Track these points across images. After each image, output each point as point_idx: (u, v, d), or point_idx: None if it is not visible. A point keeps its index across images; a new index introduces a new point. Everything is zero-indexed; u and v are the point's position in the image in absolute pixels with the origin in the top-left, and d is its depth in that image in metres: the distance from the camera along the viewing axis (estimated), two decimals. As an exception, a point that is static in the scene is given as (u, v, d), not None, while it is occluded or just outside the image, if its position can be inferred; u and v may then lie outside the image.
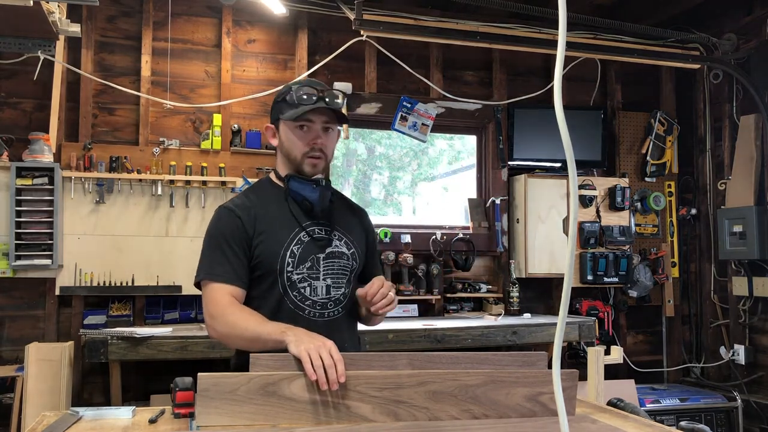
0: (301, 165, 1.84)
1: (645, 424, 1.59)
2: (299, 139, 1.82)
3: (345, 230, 1.92)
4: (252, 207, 1.82)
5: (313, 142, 1.82)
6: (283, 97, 1.84)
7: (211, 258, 1.79)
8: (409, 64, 4.07)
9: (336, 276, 1.85)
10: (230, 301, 1.74)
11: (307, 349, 1.47)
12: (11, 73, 3.54)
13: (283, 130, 1.85)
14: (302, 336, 1.54)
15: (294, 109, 1.79)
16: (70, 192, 3.50)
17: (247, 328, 1.66)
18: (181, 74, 3.82)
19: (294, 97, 1.80)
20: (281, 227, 1.81)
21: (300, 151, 1.83)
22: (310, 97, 1.78)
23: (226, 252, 1.77)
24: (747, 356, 4.10)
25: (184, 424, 1.50)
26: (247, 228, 1.78)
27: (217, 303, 1.74)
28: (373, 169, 4.88)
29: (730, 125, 4.31)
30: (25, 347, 3.08)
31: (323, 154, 1.84)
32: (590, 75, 4.53)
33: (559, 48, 0.89)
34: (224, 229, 1.79)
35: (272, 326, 1.64)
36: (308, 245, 1.82)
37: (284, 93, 1.84)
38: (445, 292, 4.10)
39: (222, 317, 1.71)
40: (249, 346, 1.65)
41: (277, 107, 1.86)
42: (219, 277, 1.76)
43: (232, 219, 1.80)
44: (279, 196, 1.87)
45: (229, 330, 1.70)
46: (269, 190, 1.90)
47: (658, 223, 4.53)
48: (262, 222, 1.80)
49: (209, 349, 3.05)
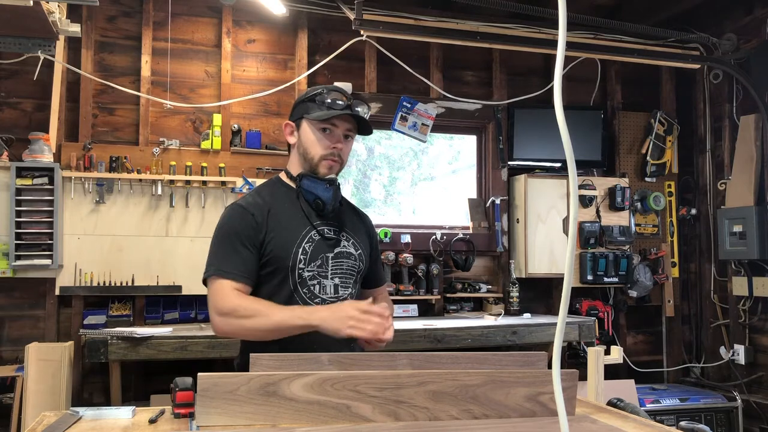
0: (317, 166, 1.87)
1: (645, 424, 1.59)
2: (321, 140, 1.85)
3: (352, 232, 1.95)
4: (264, 205, 1.84)
5: (333, 146, 1.85)
6: (312, 98, 1.87)
7: (221, 254, 1.80)
8: (409, 64, 4.08)
9: (344, 276, 1.89)
10: (239, 295, 1.75)
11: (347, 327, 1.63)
12: (11, 73, 3.54)
13: (305, 129, 1.87)
14: (328, 317, 1.66)
15: (323, 110, 1.83)
16: (70, 192, 3.50)
17: (266, 318, 1.70)
18: (181, 74, 3.82)
19: (325, 100, 1.83)
20: (294, 225, 1.84)
21: (319, 152, 1.85)
22: (339, 102, 1.83)
23: (238, 248, 1.78)
24: (747, 356, 4.10)
25: (184, 424, 1.50)
26: (260, 225, 1.80)
27: (227, 299, 1.74)
28: (372, 169, 4.88)
29: (730, 125, 4.31)
30: (25, 347, 3.08)
31: (340, 159, 1.88)
32: (590, 75, 4.52)
33: (559, 48, 0.89)
34: (236, 226, 1.81)
35: (289, 312, 1.71)
36: (319, 244, 1.85)
37: (313, 93, 1.88)
38: (445, 292, 4.10)
39: (236, 311, 1.72)
40: (269, 335, 1.72)
41: (303, 106, 1.89)
42: (228, 274, 1.76)
43: (245, 216, 1.81)
44: (290, 194, 1.90)
45: (246, 322, 1.71)
46: (280, 189, 1.92)
47: (658, 223, 4.53)
48: (274, 219, 1.82)
49: (209, 349, 3.05)
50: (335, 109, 1.82)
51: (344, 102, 1.84)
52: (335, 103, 1.83)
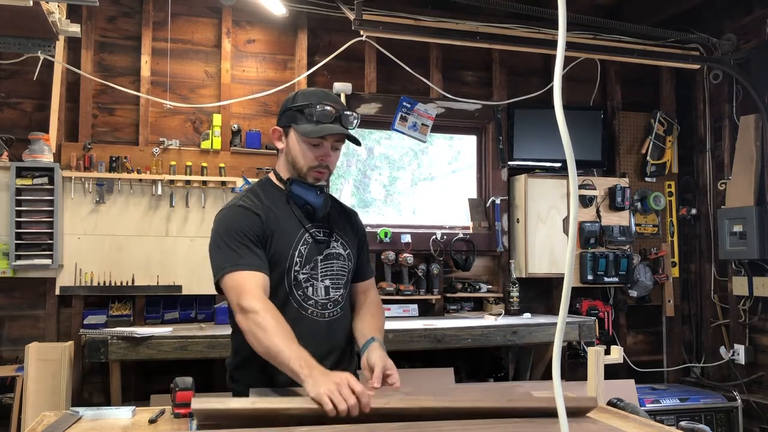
0: (305, 176, 1.86)
1: (645, 424, 1.59)
2: (308, 152, 1.83)
3: (341, 232, 1.96)
4: (264, 207, 1.84)
5: (321, 158, 1.84)
6: (300, 108, 1.83)
7: (233, 253, 1.75)
8: (409, 64, 4.07)
9: (334, 277, 1.89)
10: (262, 296, 1.69)
11: (326, 392, 1.43)
12: (11, 73, 3.54)
13: (293, 139, 1.85)
14: (319, 378, 1.49)
15: (311, 125, 1.80)
16: (70, 192, 3.50)
17: (273, 343, 1.60)
18: (181, 74, 3.82)
19: (314, 113, 1.80)
20: (289, 227, 1.84)
21: (307, 164, 1.85)
22: (329, 115, 1.79)
23: (250, 246, 1.77)
24: (747, 356, 4.10)
25: (183, 424, 1.50)
26: (265, 226, 1.80)
27: (249, 295, 1.68)
28: (372, 169, 4.88)
29: (730, 125, 4.31)
30: (25, 347, 3.08)
31: (327, 169, 1.88)
32: (590, 75, 4.52)
33: (559, 48, 0.89)
34: (243, 226, 1.79)
35: (295, 353, 1.57)
36: (312, 246, 1.86)
37: (301, 104, 1.83)
38: (445, 292, 4.10)
39: (255, 315, 1.65)
40: (266, 357, 1.64)
41: (291, 115, 1.85)
42: (246, 266, 1.72)
43: (251, 216, 1.81)
44: (281, 197, 1.89)
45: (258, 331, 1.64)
46: (272, 191, 1.91)
47: (658, 223, 4.53)
48: (274, 221, 1.83)
49: (209, 349, 3.05)
50: (324, 123, 1.79)
51: (334, 114, 1.80)
52: (325, 116, 1.79)
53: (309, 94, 1.86)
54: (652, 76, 4.61)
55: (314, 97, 1.84)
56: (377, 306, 2.04)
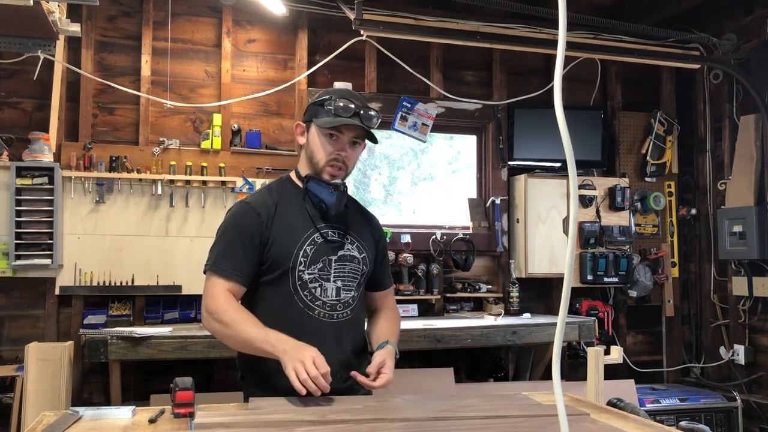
0: (321, 171, 1.87)
1: (645, 424, 1.59)
2: (326, 146, 1.85)
3: (357, 235, 1.95)
4: (272, 204, 1.85)
5: (337, 152, 1.85)
6: (322, 102, 1.86)
7: (220, 250, 1.82)
8: (409, 64, 4.07)
9: (347, 279, 1.88)
10: (227, 298, 1.77)
11: (293, 367, 1.57)
12: (11, 72, 3.54)
13: (313, 132, 1.88)
14: (290, 351, 1.63)
15: (329, 117, 1.83)
16: (70, 192, 3.50)
17: (240, 331, 1.71)
18: (181, 74, 3.82)
19: (332, 106, 1.82)
20: (296, 227, 1.85)
21: (323, 158, 1.86)
22: (348, 110, 1.82)
23: (238, 247, 1.80)
24: (747, 356, 4.10)
25: (183, 424, 1.50)
26: (265, 225, 1.81)
27: (215, 299, 1.77)
28: (372, 168, 4.88)
29: (730, 125, 4.31)
30: (25, 347, 3.07)
31: (345, 166, 1.88)
32: (590, 75, 4.52)
33: (559, 48, 0.89)
34: (240, 224, 1.82)
35: (263, 333, 1.69)
36: (321, 246, 1.85)
37: (324, 98, 1.87)
38: (445, 292, 4.10)
39: (217, 314, 1.76)
40: (240, 348, 1.75)
41: (313, 109, 1.89)
42: (221, 272, 1.79)
43: (251, 214, 1.82)
44: (297, 195, 1.90)
45: (223, 329, 1.75)
46: (289, 189, 1.93)
47: (658, 223, 4.53)
48: (279, 220, 1.83)
49: (209, 349, 3.05)
50: (342, 116, 1.82)
51: (353, 108, 1.82)
52: (343, 109, 1.82)
53: (333, 91, 1.90)
54: (652, 76, 4.61)
55: (336, 93, 1.88)
56: (393, 311, 2.07)
